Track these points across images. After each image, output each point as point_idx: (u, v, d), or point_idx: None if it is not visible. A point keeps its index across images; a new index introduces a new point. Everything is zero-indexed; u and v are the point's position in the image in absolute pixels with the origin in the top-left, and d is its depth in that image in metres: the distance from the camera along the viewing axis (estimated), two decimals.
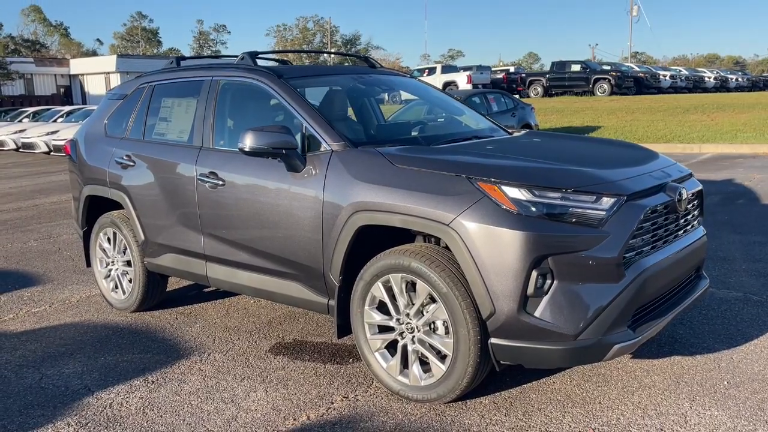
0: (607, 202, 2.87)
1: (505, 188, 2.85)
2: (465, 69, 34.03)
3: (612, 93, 30.33)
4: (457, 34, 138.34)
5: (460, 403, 3.15)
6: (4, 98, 42.45)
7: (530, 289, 2.77)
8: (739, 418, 2.94)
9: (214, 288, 4.95)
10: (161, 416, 3.19)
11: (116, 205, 4.77)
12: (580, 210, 2.84)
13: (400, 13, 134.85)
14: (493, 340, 2.88)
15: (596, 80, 31.11)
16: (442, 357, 3.06)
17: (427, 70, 32.87)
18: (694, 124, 18.02)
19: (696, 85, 36.06)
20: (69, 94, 49.22)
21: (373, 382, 3.42)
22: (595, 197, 2.87)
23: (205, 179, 3.96)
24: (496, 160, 3.26)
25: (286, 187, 3.54)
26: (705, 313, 4.27)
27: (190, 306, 4.90)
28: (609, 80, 30.69)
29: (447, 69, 32.57)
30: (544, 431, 2.90)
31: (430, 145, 3.67)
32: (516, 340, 2.84)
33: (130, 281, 4.73)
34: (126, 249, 4.72)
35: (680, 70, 38.33)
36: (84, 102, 45.42)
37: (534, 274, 2.75)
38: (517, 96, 21.52)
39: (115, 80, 45.65)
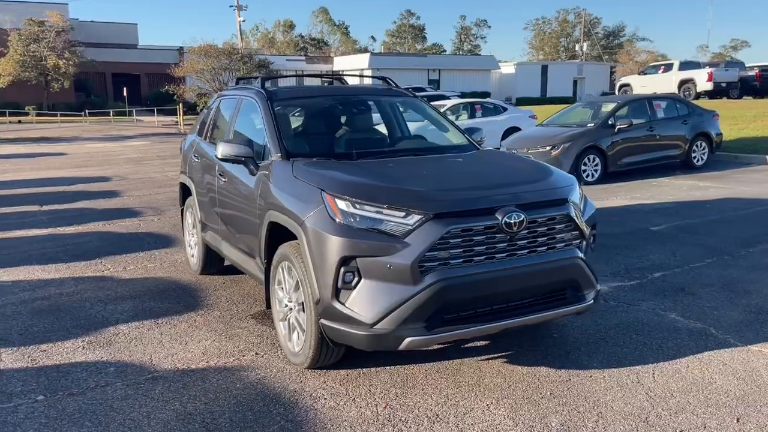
0: (413, 218, 3.40)
1: (337, 200, 3.54)
2: (712, 65, 30.94)
3: None
4: (749, 21, 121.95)
5: (322, 371, 3.90)
6: None
7: (340, 283, 3.44)
8: (522, 425, 3.26)
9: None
10: (138, 346, 4.45)
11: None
12: (389, 222, 3.41)
13: (677, 1, 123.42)
14: (321, 321, 3.60)
15: None
16: (303, 330, 3.85)
17: (663, 67, 30.61)
18: None
19: None
20: None
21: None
22: (405, 213, 3.42)
23: (220, 175, 5.16)
24: (352, 176, 3.88)
25: (248, 186, 4.57)
26: (635, 337, 4.31)
27: (241, 275, 6.17)
28: None
29: (686, 65, 29.94)
30: (352, 398, 3.53)
31: (359, 159, 4.38)
32: (334, 322, 3.53)
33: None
34: (194, 225, 6.17)
35: None
36: None
37: (342, 270, 3.42)
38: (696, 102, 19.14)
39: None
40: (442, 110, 16.41)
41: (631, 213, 8.74)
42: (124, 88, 40.15)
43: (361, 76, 6.27)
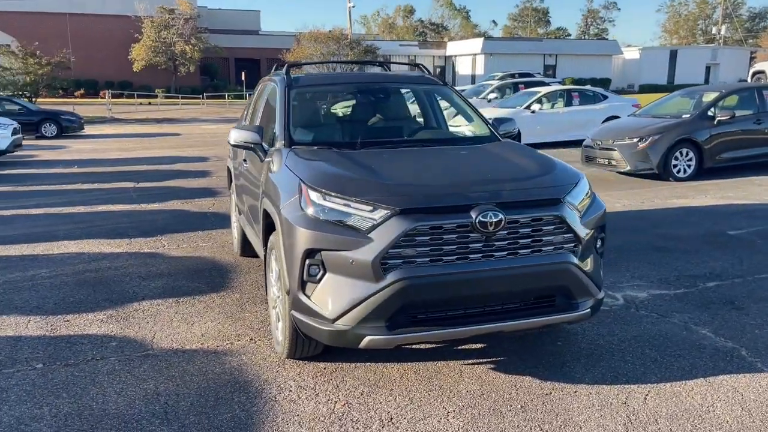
0: (380, 212, 3.26)
1: (311, 191, 3.48)
2: None
3: None
4: None
5: (302, 362, 3.87)
6: None
7: (305, 275, 3.38)
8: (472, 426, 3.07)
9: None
10: (149, 323, 4.64)
11: None
12: (356, 216, 3.30)
13: None
14: (291, 312, 3.56)
15: None
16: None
17: None
18: None
19: None
20: (443, 74, 54.84)
21: None
22: (372, 208, 3.29)
23: (243, 160, 5.25)
24: (334, 167, 3.76)
25: (257, 173, 4.61)
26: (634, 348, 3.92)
27: None
28: None
29: None
30: (316, 393, 3.48)
31: (363, 148, 4.27)
32: (302, 315, 3.48)
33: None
34: (234, 208, 6.34)
35: None
36: (454, 82, 50.03)
37: (307, 262, 3.36)
38: None
39: (480, 62, 49.21)
40: (535, 98, 15.83)
41: (713, 214, 7.99)
42: (243, 72, 41.98)
43: (391, 63, 6.11)
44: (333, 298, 3.32)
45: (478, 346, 4.09)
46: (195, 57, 42.19)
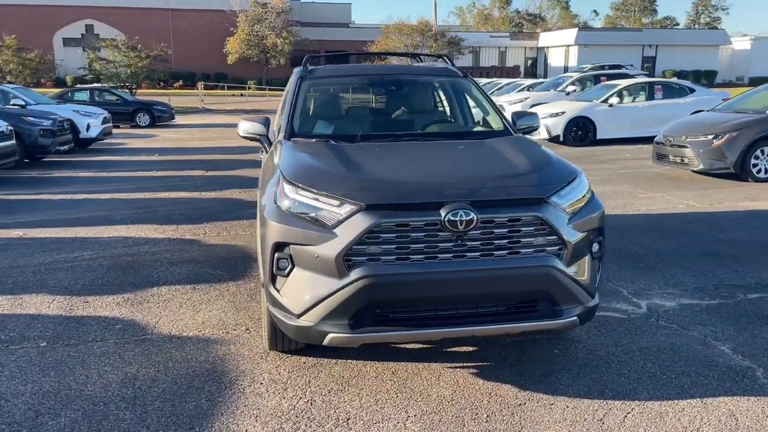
0: (346, 207, 3.18)
1: (285, 184, 3.44)
2: None
3: None
4: None
5: (285, 356, 3.85)
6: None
7: (275, 269, 3.36)
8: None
9: None
10: (158, 308, 4.78)
11: None
12: (324, 211, 3.23)
13: None
14: (267, 304, 3.55)
15: None
16: None
17: None
18: None
19: None
20: (534, 66, 53.44)
21: None
22: (339, 202, 3.21)
23: (261, 152, 5.30)
24: (315, 161, 3.69)
25: (263, 165, 4.63)
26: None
27: None
28: None
29: None
30: (285, 388, 3.45)
31: (362, 141, 4.20)
32: (274, 309, 3.45)
33: None
34: None
35: None
36: (545, 75, 48.65)
37: (276, 256, 3.33)
38: None
39: (574, 53, 47.55)
40: (614, 90, 15.09)
41: None
42: (332, 65, 42.60)
43: (418, 54, 5.94)
44: (299, 293, 3.28)
45: (470, 349, 3.93)
46: (285, 50, 43.29)
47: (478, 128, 4.74)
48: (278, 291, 3.38)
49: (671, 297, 4.85)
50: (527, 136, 4.63)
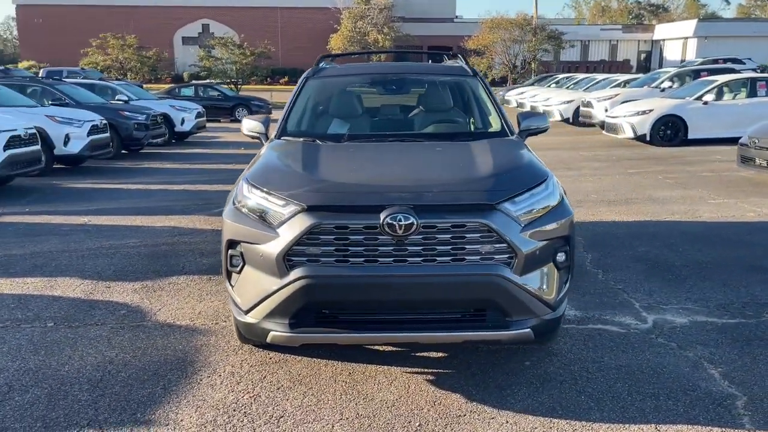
0: (289, 208, 3.21)
1: (244, 184, 3.53)
2: None
3: None
4: None
5: (256, 350, 3.93)
6: (550, 63, 45.23)
7: (229, 265, 3.45)
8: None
9: None
10: (166, 297, 5.03)
11: None
12: (271, 210, 3.29)
13: None
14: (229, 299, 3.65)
15: None
16: None
17: None
18: None
19: None
20: (648, 60, 50.64)
21: None
22: (284, 203, 3.25)
23: None
24: (279, 161, 3.73)
25: None
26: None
27: None
28: None
29: None
30: (239, 382, 3.53)
31: (349, 141, 4.22)
32: (231, 304, 3.55)
33: None
34: None
35: None
36: (660, 68, 45.99)
37: (229, 253, 3.42)
38: None
39: (692, 46, 44.67)
40: (710, 87, 14.07)
41: None
42: (429, 62, 42.52)
43: (420, 52, 5.82)
44: (247, 290, 3.35)
45: (439, 355, 3.84)
46: (386, 46, 43.65)
47: (471, 129, 4.59)
48: (232, 287, 3.47)
49: (686, 313, 4.49)
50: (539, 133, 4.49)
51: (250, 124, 4.65)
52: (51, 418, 3.19)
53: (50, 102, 13.83)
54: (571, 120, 20.06)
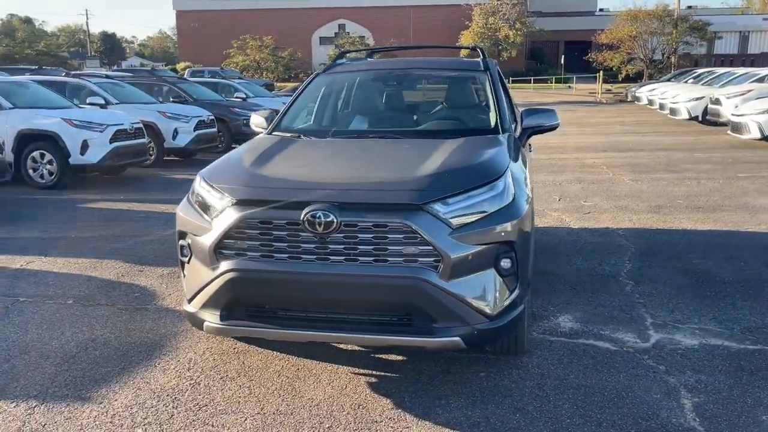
0: (224, 201, 3.26)
1: (197, 177, 3.64)
2: None
3: None
4: None
5: (226, 341, 4.01)
6: (700, 57, 41.02)
7: (180, 255, 3.57)
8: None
9: None
10: (167, 290, 5.28)
11: None
12: (210, 203, 3.36)
13: None
14: None
15: None
16: None
17: None
18: None
19: None
20: None
21: None
22: (221, 196, 3.30)
23: None
24: (242, 155, 3.76)
25: None
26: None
27: None
28: None
29: None
30: (198, 371, 3.63)
31: (335, 137, 4.22)
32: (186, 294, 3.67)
33: None
34: None
35: None
36: None
37: (180, 243, 3.54)
38: None
39: None
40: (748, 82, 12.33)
41: None
42: (562, 57, 40.94)
43: (440, 47, 5.56)
44: (190, 279, 3.45)
45: (398, 358, 3.71)
46: (517, 41, 42.58)
47: (460, 127, 4.34)
48: (184, 276, 3.58)
49: (701, 334, 3.99)
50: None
51: (257, 120, 4.76)
52: (10, 387, 3.46)
53: (172, 99, 15.02)
54: (700, 118, 18.42)
